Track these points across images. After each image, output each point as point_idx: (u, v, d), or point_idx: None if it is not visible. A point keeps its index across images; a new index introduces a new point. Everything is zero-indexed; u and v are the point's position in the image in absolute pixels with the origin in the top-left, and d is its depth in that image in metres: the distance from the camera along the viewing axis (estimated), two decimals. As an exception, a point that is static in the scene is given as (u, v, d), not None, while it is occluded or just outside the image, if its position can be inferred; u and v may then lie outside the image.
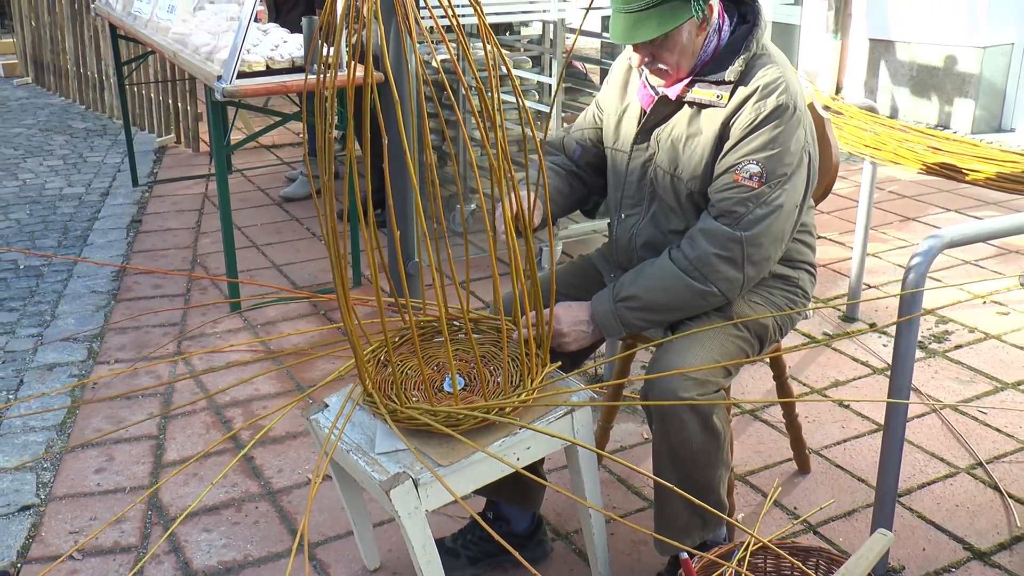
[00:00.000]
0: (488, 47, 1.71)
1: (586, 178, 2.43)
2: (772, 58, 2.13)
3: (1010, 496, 2.65)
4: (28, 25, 8.18)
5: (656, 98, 2.20)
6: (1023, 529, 2.52)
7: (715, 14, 2.12)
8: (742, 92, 2.09)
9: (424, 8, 2.19)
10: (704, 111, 2.14)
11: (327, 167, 1.77)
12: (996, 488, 2.68)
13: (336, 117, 1.77)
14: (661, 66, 2.12)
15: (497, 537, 1.55)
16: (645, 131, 2.23)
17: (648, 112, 2.21)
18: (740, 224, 2.08)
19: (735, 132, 2.09)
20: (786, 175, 2.08)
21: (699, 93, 2.13)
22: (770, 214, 2.08)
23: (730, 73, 2.10)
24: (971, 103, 6.10)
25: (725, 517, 1.68)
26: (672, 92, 2.16)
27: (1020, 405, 3.10)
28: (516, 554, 1.50)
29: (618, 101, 2.32)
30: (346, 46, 2.41)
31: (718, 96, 2.10)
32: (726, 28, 2.16)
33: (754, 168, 2.06)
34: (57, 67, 7.91)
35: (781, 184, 2.08)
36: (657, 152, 2.20)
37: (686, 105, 2.16)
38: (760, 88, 2.07)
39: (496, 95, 1.73)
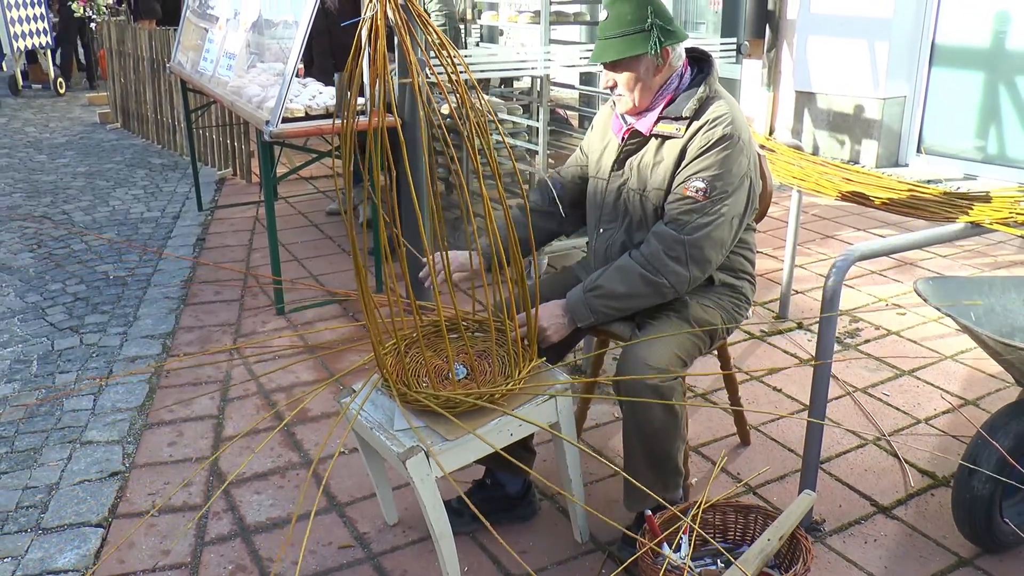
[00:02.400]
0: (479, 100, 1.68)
1: (555, 212, 2.39)
2: (722, 99, 2.14)
3: (906, 462, 2.63)
4: (119, 82, 8.16)
5: (628, 129, 2.21)
6: (915, 488, 2.51)
7: (673, 61, 2.15)
8: (695, 124, 2.11)
9: (439, 64, 2.18)
10: (667, 142, 2.15)
11: (348, 195, 1.75)
12: (895, 456, 2.67)
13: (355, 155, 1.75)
14: (620, 92, 2.15)
15: (476, 512, 1.54)
16: (621, 160, 2.24)
17: (623, 143, 2.22)
18: (684, 230, 2.08)
19: (688, 155, 2.10)
20: (727, 192, 2.08)
21: (663, 128, 2.15)
22: (710, 223, 2.07)
23: (686, 110, 2.12)
24: (875, 143, 6.10)
25: (660, 499, 1.65)
26: (643, 127, 2.18)
27: (915, 389, 3.08)
28: (491, 528, 1.46)
29: (600, 141, 2.34)
30: (367, 96, 2.40)
31: (677, 128, 2.13)
32: (687, 76, 2.18)
33: (700, 184, 2.07)
34: (140, 114, 7.88)
35: (722, 200, 2.07)
36: (630, 177, 2.21)
37: (653, 138, 2.17)
38: (710, 120, 2.09)
39: (490, 150, 1.70)
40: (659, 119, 2.15)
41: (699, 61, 2.22)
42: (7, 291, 4.22)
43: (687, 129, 2.11)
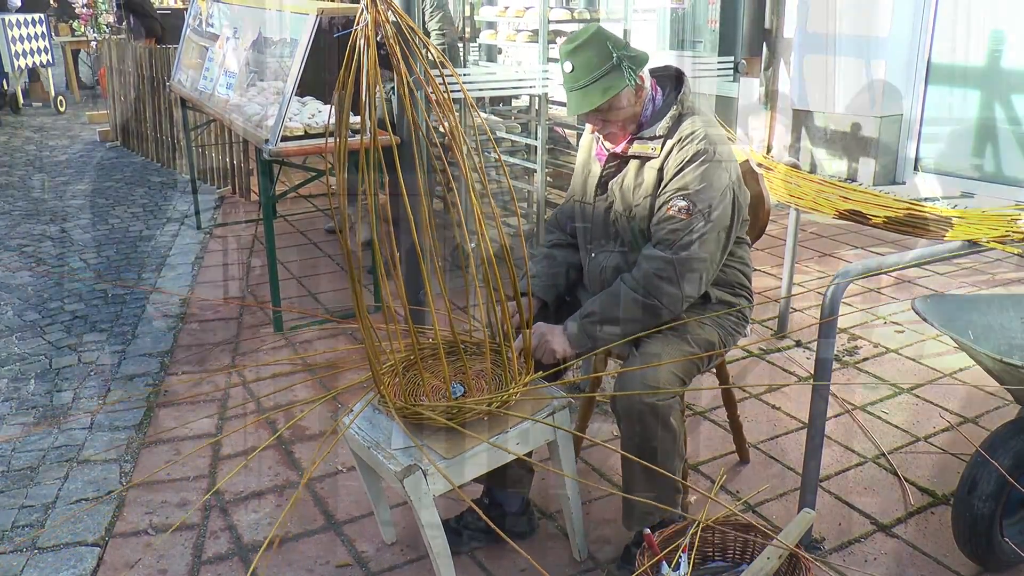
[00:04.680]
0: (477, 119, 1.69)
1: (576, 244, 2.41)
2: (695, 114, 2.14)
3: (906, 480, 2.63)
4: (119, 99, 8.19)
5: (607, 154, 2.21)
6: (915, 506, 2.51)
7: (647, 85, 2.16)
8: (669, 143, 2.12)
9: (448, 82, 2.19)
10: (646, 163, 2.16)
11: (343, 215, 1.75)
12: (895, 474, 2.66)
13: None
14: (612, 130, 2.16)
15: (487, 519, 1.53)
16: (603, 184, 2.24)
17: (603, 168, 2.23)
18: (672, 249, 2.08)
19: (667, 174, 2.11)
20: (710, 207, 2.08)
21: (638, 148, 2.16)
22: (697, 239, 2.08)
23: (660, 129, 2.13)
24: (872, 161, 6.12)
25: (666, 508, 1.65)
26: (619, 148, 2.19)
27: (913, 407, 3.07)
28: (501, 533, 1.46)
29: (582, 166, 2.34)
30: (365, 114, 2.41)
31: (652, 148, 2.13)
32: (659, 97, 2.19)
33: (681, 202, 2.08)
34: (140, 132, 7.91)
35: (706, 216, 2.08)
36: (615, 200, 2.21)
37: (632, 160, 2.17)
38: (683, 138, 2.10)
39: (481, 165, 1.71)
40: (633, 139, 2.16)
41: (669, 79, 2.23)
42: (5, 309, 4.22)
43: (662, 148, 2.12)
